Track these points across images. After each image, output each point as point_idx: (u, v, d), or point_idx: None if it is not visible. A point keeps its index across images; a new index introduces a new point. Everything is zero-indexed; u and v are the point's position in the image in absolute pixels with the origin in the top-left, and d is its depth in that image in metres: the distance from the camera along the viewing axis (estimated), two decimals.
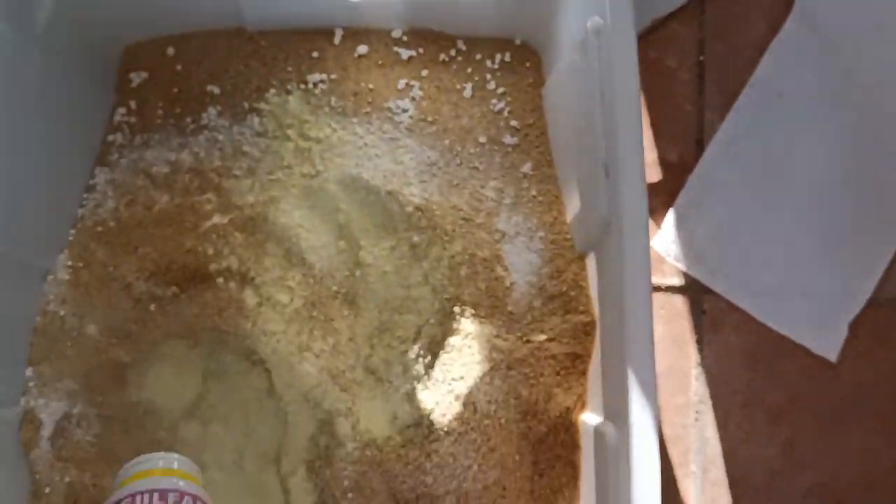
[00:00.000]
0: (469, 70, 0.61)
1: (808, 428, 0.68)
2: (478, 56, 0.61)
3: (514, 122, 0.61)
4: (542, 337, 0.52)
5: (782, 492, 0.68)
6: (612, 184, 0.47)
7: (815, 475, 0.68)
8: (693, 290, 0.69)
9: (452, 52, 0.61)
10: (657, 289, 0.67)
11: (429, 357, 0.53)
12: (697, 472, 0.67)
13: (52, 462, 0.56)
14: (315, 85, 0.60)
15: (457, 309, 0.53)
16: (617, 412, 0.47)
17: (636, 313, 0.45)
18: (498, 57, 0.61)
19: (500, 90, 0.62)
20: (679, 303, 0.68)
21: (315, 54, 0.61)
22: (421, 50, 0.61)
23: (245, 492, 0.54)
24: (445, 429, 0.51)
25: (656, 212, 0.69)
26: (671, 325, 0.68)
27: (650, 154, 0.70)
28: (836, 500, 0.70)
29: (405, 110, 0.60)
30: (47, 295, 0.58)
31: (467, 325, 0.52)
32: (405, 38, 0.61)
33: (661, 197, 0.69)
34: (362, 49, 0.61)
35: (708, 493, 0.68)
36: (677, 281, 0.68)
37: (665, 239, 0.67)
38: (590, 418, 0.52)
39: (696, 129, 0.73)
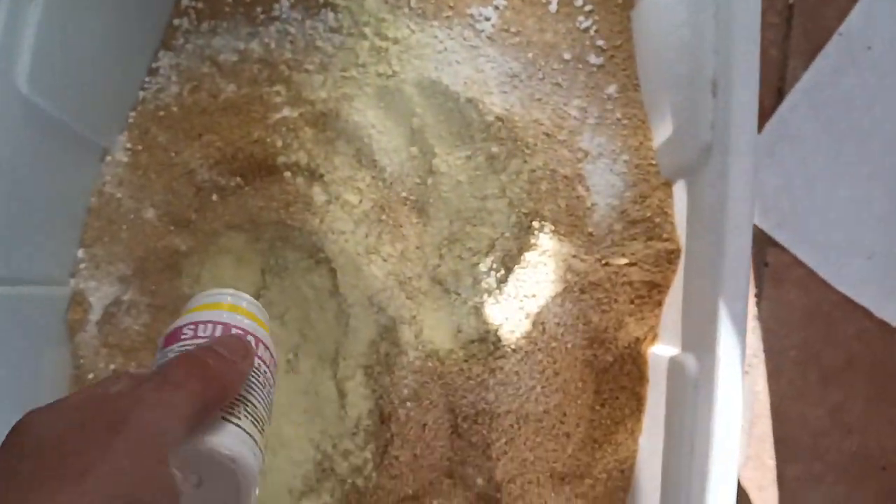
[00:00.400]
0: None
1: (859, 392, 0.66)
2: None
3: (600, 42, 0.58)
4: (622, 261, 0.50)
5: (827, 454, 0.66)
6: (720, 103, 0.45)
7: (862, 440, 0.66)
8: (758, 242, 0.67)
9: None
10: None
11: (502, 271, 0.50)
12: (745, 425, 0.65)
13: (97, 348, 0.54)
14: None
15: (535, 224, 0.50)
16: (700, 344, 0.45)
17: (736, 242, 0.43)
18: None
19: (588, 8, 0.58)
20: None
21: None
22: None
23: (298, 393, 0.53)
24: (512, 346, 0.49)
25: None
26: None
27: None
28: (880, 467, 0.68)
29: (487, 18, 0.57)
30: (104, 176, 0.56)
31: (545, 241, 0.50)
32: None
33: None
34: None
35: (753, 447, 0.66)
36: None
37: None
38: (661, 350, 0.50)
39: (777, 75, 0.70)
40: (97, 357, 0.55)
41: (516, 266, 0.50)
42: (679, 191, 0.51)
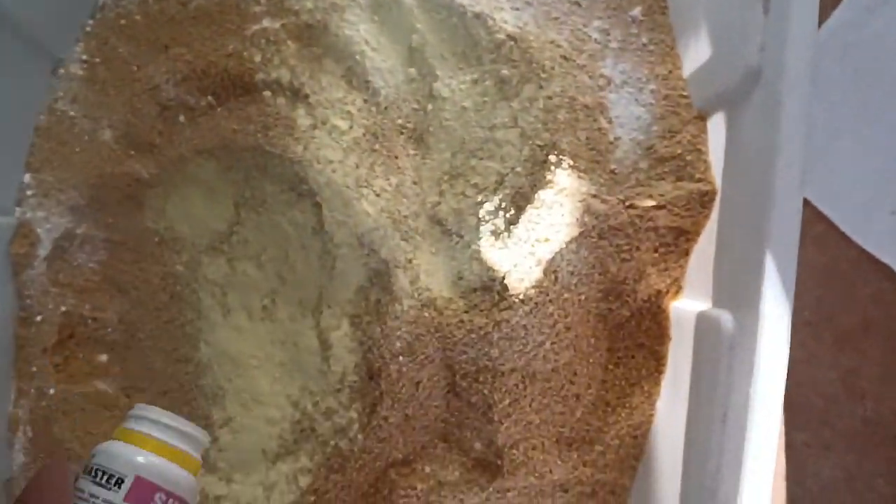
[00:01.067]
0: None
1: (874, 356, 0.62)
2: None
3: None
4: (649, 203, 0.44)
5: (838, 419, 0.63)
6: (774, 21, 0.38)
7: (874, 406, 0.63)
8: None
9: None
10: None
11: (512, 211, 0.44)
12: None
13: (46, 286, 0.48)
14: None
15: (552, 158, 0.44)
16: (738, 300, 0.39)
17: (787, 182, 0.37)
18: None
19: None
20: None
21: None
22: None
23: (275, 343, 0.46)
24: (521, 296, 0.43)
25: None
26: None
27: None
28: (892, 435, 0.65)
29: None
30: (56, 90, 0.49)
31: (562, 178, 0.44)
32: None
33: None
34: None
35: None
36: None
37: None
38: (687, 305, 0.45)
39: None
40: (46, 297, 0.48)
41: (528, 206, 0.44)
42: (715, 125, 0.45)
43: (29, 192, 0.48)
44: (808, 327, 0.63)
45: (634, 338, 0.47)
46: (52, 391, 0.47)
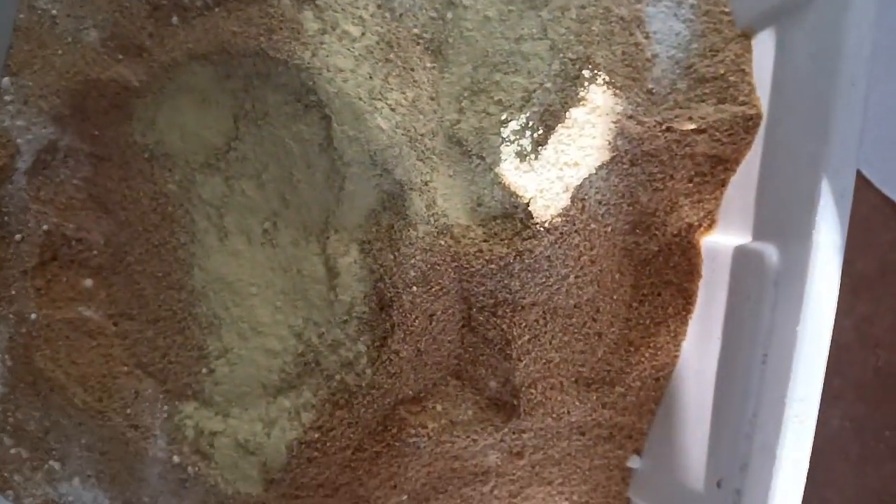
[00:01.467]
0: None
1: (890, 303, 0.60)
2: None
3: None
4: (689, 126, 0.40)
5: (850, 369, 0.61)
6: None
7: (887, 356, 0.61)
8: None
9: None
10: None
11: (540, 130, 0.40)
12: None
13: (26, 203, 0.44)
14: None
15: (585, 73, 0.40)
16: (786, 232, 0.36)
17: (848, 101, 0.34)
18: None
19: None
20: None
21: None
22: None
23: (276, 270, 0.43)
24: (546, 225, 0.39)
25: None
26: None
27: None
28: None
29: None
30: None
31: (596, 95, 0.40)
32: None
33: None
34: None
35: None
36: None
37: None
38: (721, 239, 0.42)
39: None
40: (26, 215, 0.44)
41: (558, 125, 0.40)
42: (760, 45, 0.41)
43: (7, 98, 0.43)
44: None
45: (661, 274, 0.44)
46: (33, 316, 0.43)
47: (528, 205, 0.40)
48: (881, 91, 0.58)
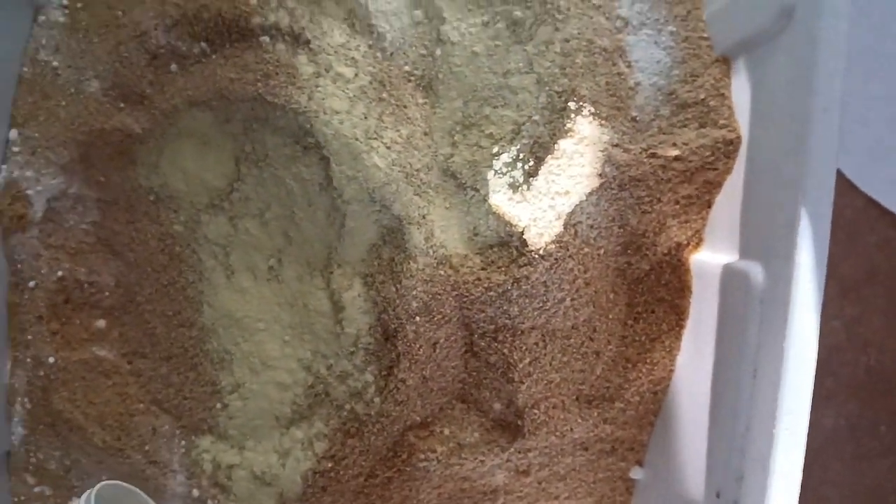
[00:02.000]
0: None
1: (878, 305, 0.61)
2: None
3: None
4: (673, 152, 0.42)
5: (842, 368, 0.62)
6: None
7: (878, 356, 0.63)
8: None
9: None
10: None
11: (531, 162, 0.42)
12: None
13: (38, 250, 0.45)
14: None
15: (572, 105, 0.41)
16: (769, 252, 0.38)
17: (823, 125, 0.35)
18: None
19: None
20: None
21: None
22: None
23: (283, 305, 0.44)
24: (541, 252, 0.41)
25: None
26: None
27: None
28: (895, 384, 0.65)
29: None
30: (38, 39, 0.45)
31: (584, 125, 0.41)
32: None
33: None
34: None
35: None
36: None
37: None
38: (708, 257, 0.43)
39: None
40: (38, 261, 0.46)
41: (548, 156, 0.42)
42: (739, 69, 0.43)
43: (15, 150, 0.45)
44: None
45: (654, 292, 0.45)
46: (50, 360, 0.45)
47: (522, 233, 0.41)
48: (865, 95, 0.60)
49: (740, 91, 0.42)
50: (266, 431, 0.44)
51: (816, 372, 0.65)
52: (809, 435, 0.60)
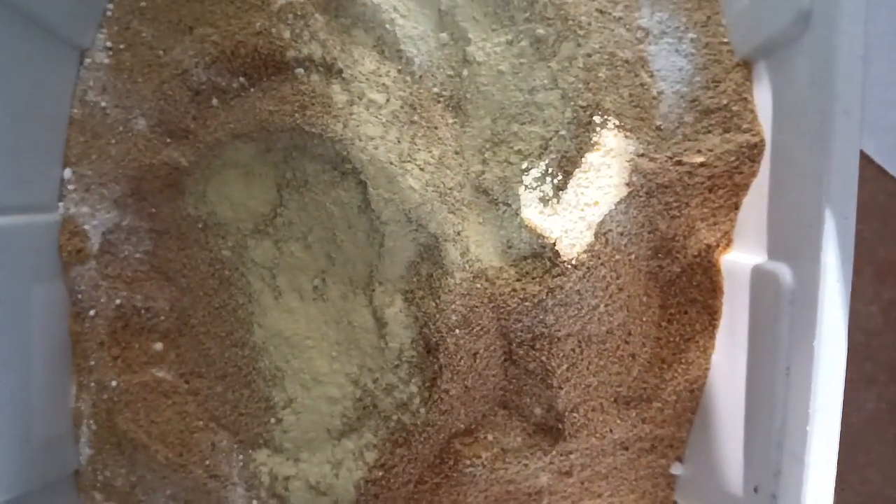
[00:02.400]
0: None
1: None
2: None
3: None
4: (699, 159, 0.43)
5: (880, 354, 0.63)
6: None
7: None
8: None
9: None
10: None
11: (560, 176, 0.43)
12: None
13: (96, 281, 0.48)
14: None
15: (597, 119, 0.43)
16: (796, 252, 0.39)
17: (844, 127, 0.36)
18: None
19: None
20: None
21: None
22: None
23: (329, 322, 0.47)
24: (573, 262, 0.43)
25: None
26: None
27: None
28: None
29: None
30: (86, 81, 0.48)
31: (609, 138, 0.43)
32: None
33: None
34: None
35: None
36: None
37: None
38: (739, 258, 0.44)
39: None
40: (97, 291, 0.48)
41: (576, 170, 0.43)
42: (760, 73, 0.44)
43: (70, 188, 0.48)
44: None
45: (686, 293, 0.46)
46: (113, 383, 0.48)
47: (554, 244, 0.43)
48: (892, 80, 0.60)
49: (762, 94, 0.43)
50: (319, 444, 0.46)
51: (856, 356, 0.65)
52: (851, 418, 0.61)
